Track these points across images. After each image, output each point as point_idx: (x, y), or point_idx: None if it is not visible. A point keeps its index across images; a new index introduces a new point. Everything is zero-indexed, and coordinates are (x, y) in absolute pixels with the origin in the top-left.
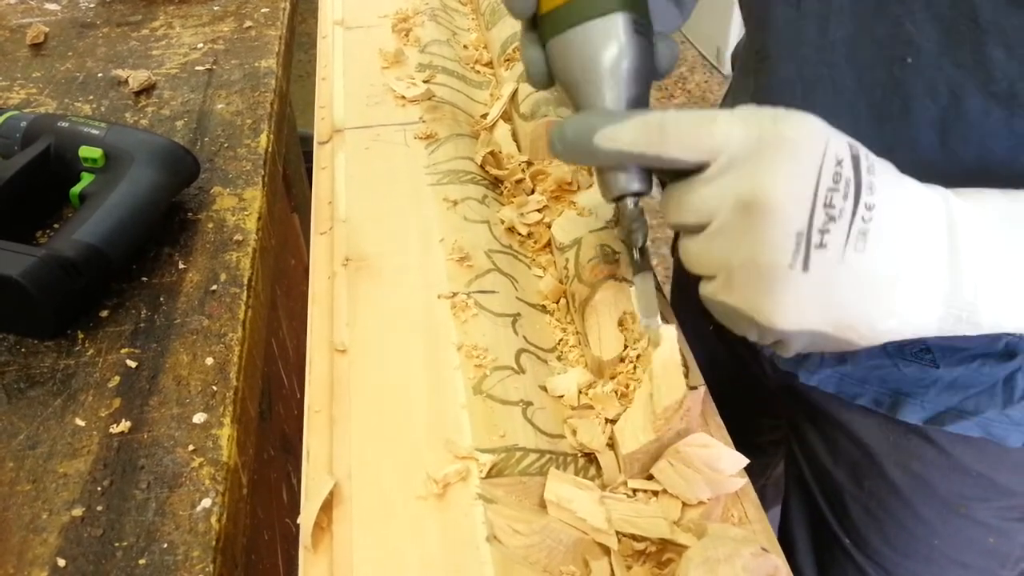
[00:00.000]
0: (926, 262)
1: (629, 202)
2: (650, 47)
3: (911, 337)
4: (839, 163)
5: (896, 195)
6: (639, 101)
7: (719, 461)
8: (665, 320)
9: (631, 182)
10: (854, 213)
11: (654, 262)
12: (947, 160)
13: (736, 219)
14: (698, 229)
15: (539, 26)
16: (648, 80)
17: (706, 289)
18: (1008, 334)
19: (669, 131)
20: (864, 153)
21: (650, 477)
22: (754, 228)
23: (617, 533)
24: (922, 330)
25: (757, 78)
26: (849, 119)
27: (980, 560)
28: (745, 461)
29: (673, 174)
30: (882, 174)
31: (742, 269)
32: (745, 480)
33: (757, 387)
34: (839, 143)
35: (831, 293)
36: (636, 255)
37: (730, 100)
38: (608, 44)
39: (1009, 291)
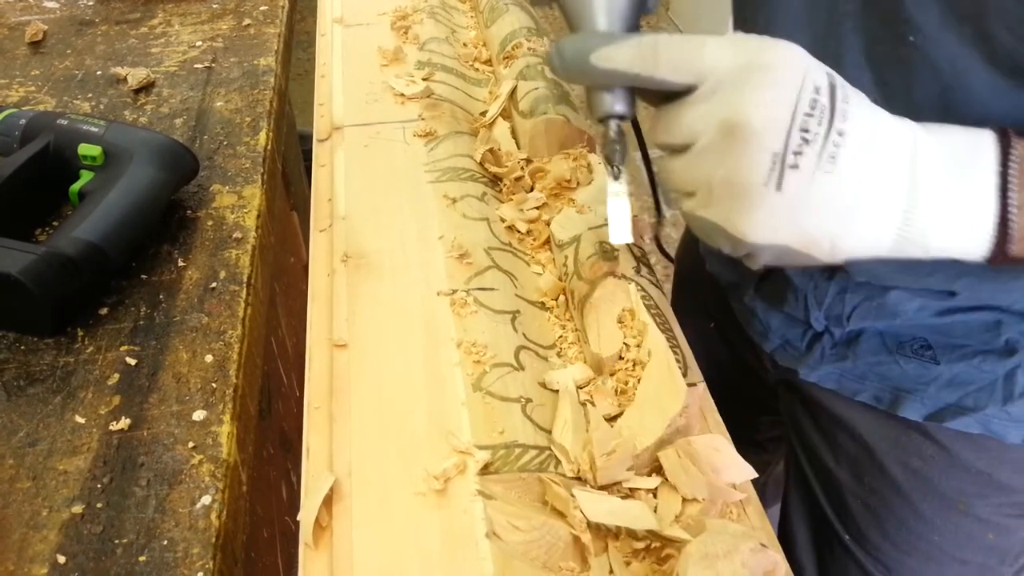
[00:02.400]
0: (887, 188)
1: (612, 123)
2: None
3: (865, 256)
4: (817, 90)
5: (867, 124)
6: (632, 30)
7: (725, 468)
8: (663, 311)
9: (616, 104)
10: (826, 137)
11: (652, 259)
12: None
13: (718, 139)
14: (683, 149)
15: None
16: (640, 13)
17: (686, 205)
18: (1009, 332)
19: (661, 53)
20: (841, 83)
21: (650, 473)
22: (734, 148)
23: (601, 525)
24: (876, 250)
25: None
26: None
27: (980, 556)
28: (753, 474)
29: (661, 97)
30: (856, 104)
31: (721, 186)
32: (747, 494)
33: (757, 384)
34: (818, 72)
35: (800, 211)
36: (613, 173)
37: None
38: None
39: (957, 221)
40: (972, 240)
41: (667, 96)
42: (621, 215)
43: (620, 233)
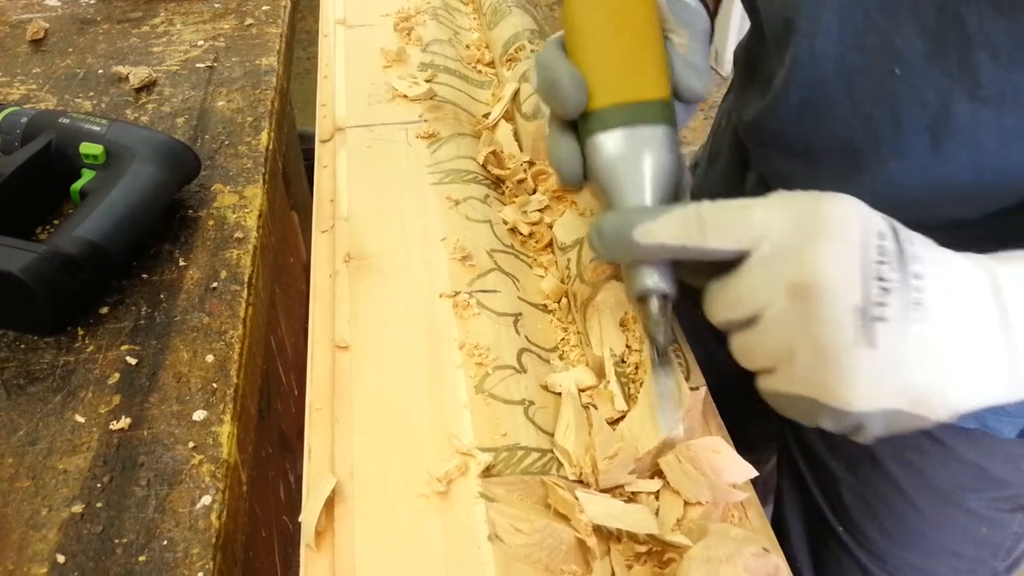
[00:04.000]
0: (981, 326)
1: (654, 302)
2: (680, 164)
3: (983, 406)
4: (881, 236)
5: (939, 262)
6: (669, 203)
7: (726, 469)
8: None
9: (657, 281)
10: (904, 283)
11: None
12: (939, 161)
13: (790, 304)
14: (748, 323)
15: (583, 123)
16: (676, 184)
17: (767, 384)
18: None
19: (707, 221)
20: (899, 226)
21: (653, 476)
22: (810, 310)
23: (603, 528)
24: (992, 397)
25: (771, 93)
26: (847, 132)
27: (973, 550)
28: (753, 473)
29: (709, 275)
30: (921, 244)
31: (805, 355)
32: (748, 494)
33: (750, 381)
34: (876, 218)
35: (899, 366)
36: (658, 354)
37: (731, 97)
38: (658, 148)
39: None
40: None
41: (714, 269)
42: (669, 398)
43: (670, 422)
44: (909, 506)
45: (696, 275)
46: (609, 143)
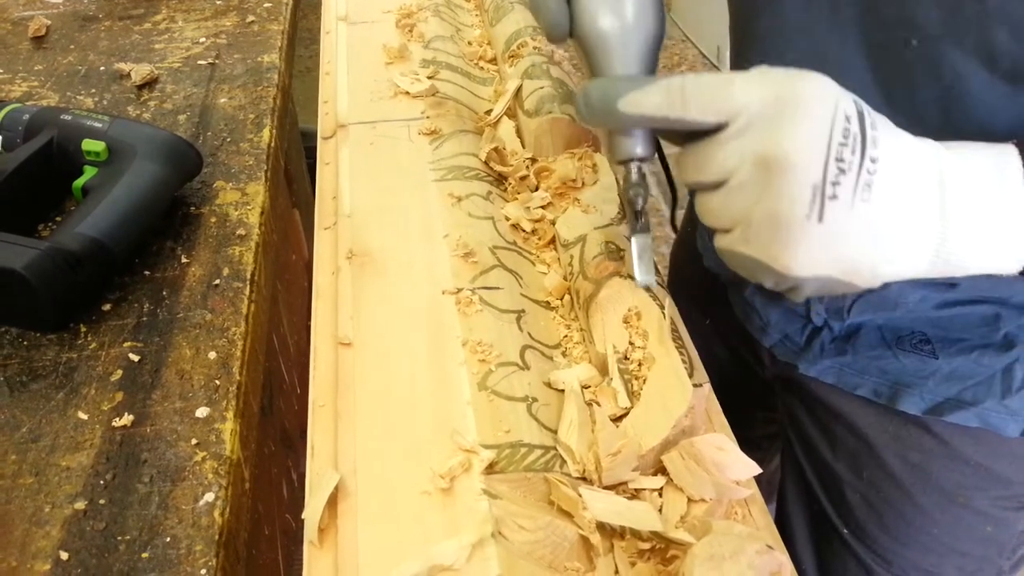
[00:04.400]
0: (921, 211)
1: (634, 166)
2: (665, 20)
3: (904, 277)
4: (848, 119)
5: (895, 149)
6: (653, 69)
7: (730, 466)
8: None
9: (637, 147)
10: (860, 166)
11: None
12: (950, 136)
13: (755, 175)
14: (716, 186)
15: None
16: (658, 52)
17: (723, 241)
18: (1007, 326)
19: (690, 94)
20: (867, 109)
21: (656, 473)
22: (772, 183)
23: (606, 524)
24: (915, 273)
25: (765, 60)
26: (859, 95)
27: (978, 549)
28: (757, 470)
29: (686, 136)
30: (883, 129)
31: (761, 221)
32: (752, 491)
33: (753, 381)
34: (847, 101)
35: (841, 241)
36: (636, 217)
37: None
38: (643, 16)
39: (990, 237)
40: (1007, 256)
41: (692, 134)
42: (646, 255)
43: (646, 273)
44: (913, 506)
45: (676, 138)
46: (597, 6)
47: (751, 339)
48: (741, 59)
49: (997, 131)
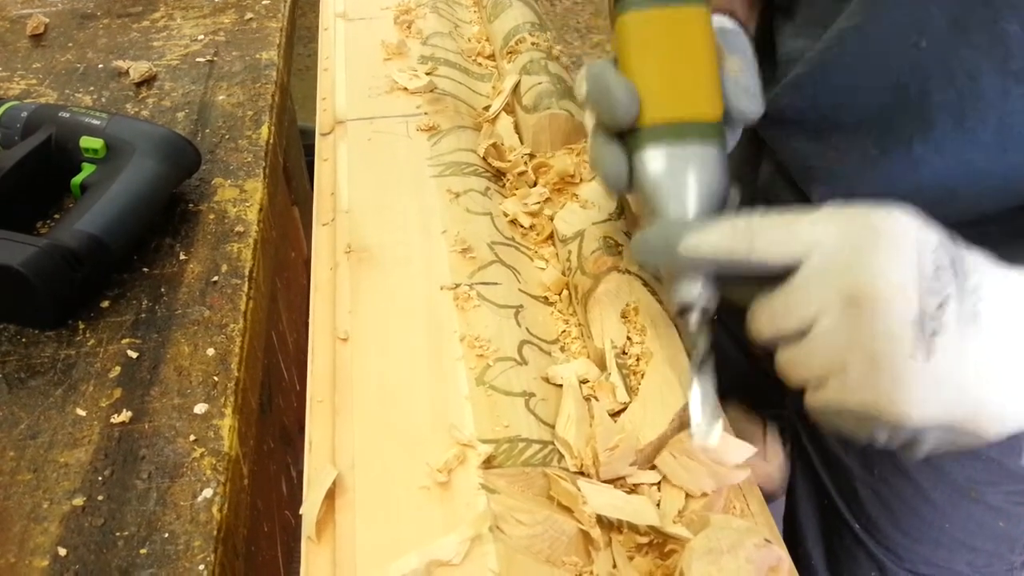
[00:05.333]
0: None
1: (694, 314)
2: (729, 186)
3: None
4: (936, 248)
5: (997, 275)
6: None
7: (724, 452)
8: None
9: (700, 293)
10: (960, 295)
11: None
12: (965, 140)
13: (844, 315)
14: (798, 336)
15: (632, 136)
16: (722, 202)
17: (817, 398)
18: None
19: (756, 233)
20: (951, 236)
21: (654, 467)
22: (866, 321)
23: (604, 519)
24: None
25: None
26: (874, 107)
27: (990, 544)
28: (752, 450)
29: (752, 289)
30: (975, 257)
31: (859, 365)
32: (749, 472)
33: (761, 376)
34: (928, 230)
35: (956, 380)
36: (698, 368)
37: None
38: (708, 167)
39: None
40: None
41: (757, 287)
42: (710, 401)
43: (710, 434)
44: (925, 501)
45: (741, 291)
46: (659, 157)
47: None
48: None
49: (1013, 132)
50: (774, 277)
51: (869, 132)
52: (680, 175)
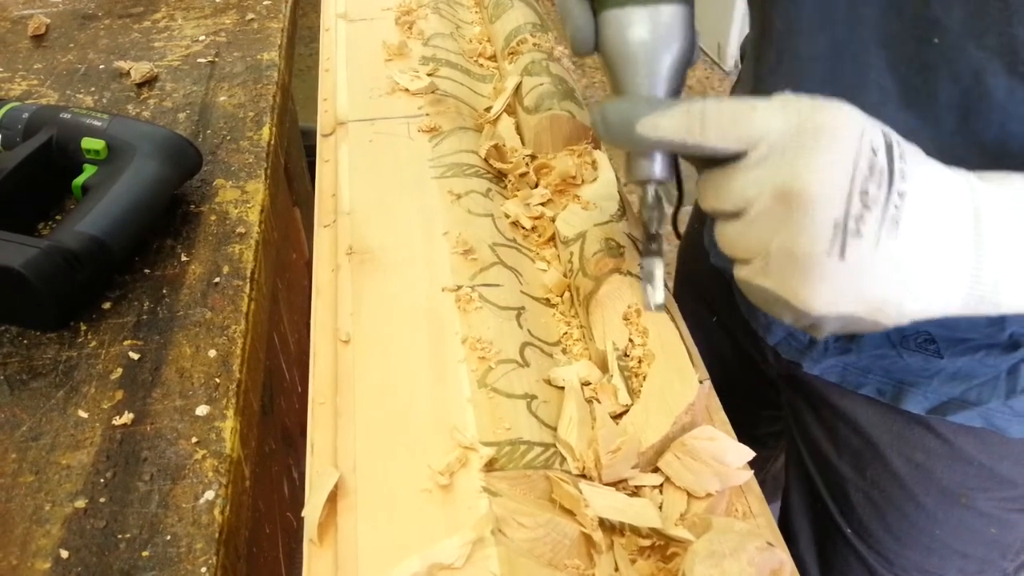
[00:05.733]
0: (953, 246)
1: (651, 188)
2: (695, 43)
3: (936, 316)
4: (874, 152)
5: (925, 181)
6: (677, 92)
7: (725, 454)
8: (668, 309)
9: (655, 169)
10: (887, 200)
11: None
12: (966, 140)
13: (774, 207)
14: (735, 215)
15: None
16: (685, 73)
17: (741, 272)
18: (1013, 326)
19: (710, 120)
20: (896, 140)
21: (656, 470)
22: (792, 216)
23: (606, 521)
24: (946, 310)
25: (779, 56)
26: (877, 95)
27: (981, 550)
28: (751, 454)
29: (708, 161)
30: (912, 161)
31: (779, 255)
32: (751, 473)
33: (758, 378)
34: (874, 131)
35: (865, 278)
36: (649, 240)
37: (739, 91)
38: (671, 34)
39: None
40: None
41: (714, 160)
42: (657, 278)
43: (656, 296)
44: (916, 506)
45: (696, 162)
46: (623, 21)
47: (756, 337)
48: (759, 57)
49: (1014, 136)
50: (726, 159)
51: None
52: (644, 42)
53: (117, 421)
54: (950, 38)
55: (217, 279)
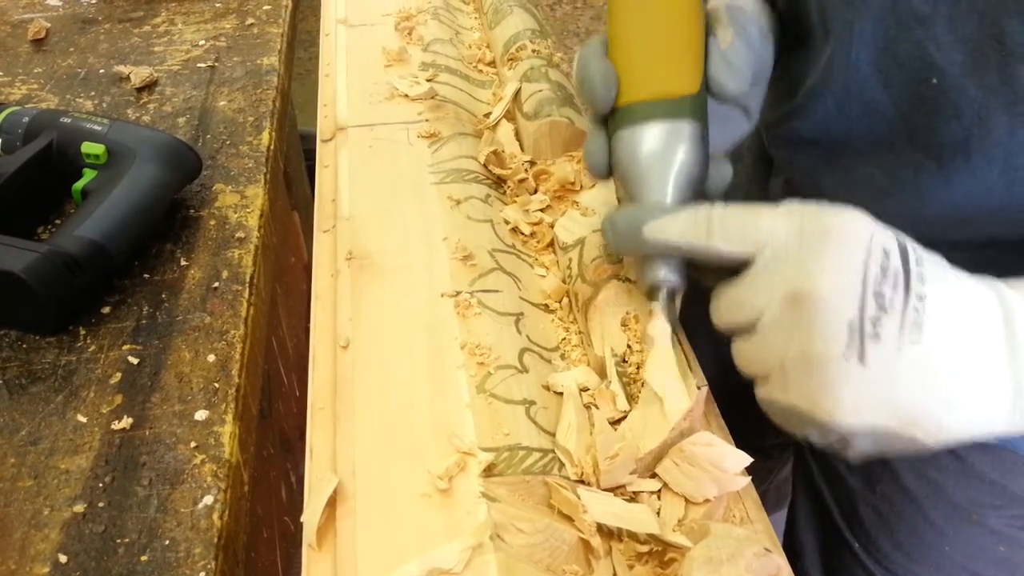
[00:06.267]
0: (985, 354)
1: (663, 293)
2: (707, 160)
3: (981, 435)
4: (886, 254)
5: (947, 286)
6: (688, 202)
7: (723, 460)
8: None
9: (666, 274)
10: (906, 303)
11: None
12: (972, 178)
13: (786, 312)
14: (749, 328)
15: (611, 119)
16: (699, 190)
17: (762, 392)
18: None
19: (716, 223)
20: (911, 245)
21: (654, 475)
22: (804, 319)
23: (604, 527)
24: (991, 424)
25: (786, 93)
26: (885, 135)
27: (990, 569)
28: (748, 460)
29: (718, 277)
30: (931, 266)
31: (796, 364)
32: (749, 479)
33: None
34: (884, 234)
35: (890, 386)
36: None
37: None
38: (682, 148)
39: None
40: None
41: (725, 272)
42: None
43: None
44: (926, 522)
45: (708, 276)
46: (630, 138)
47: None
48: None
49: (1019, 173)
50: (737, 266)
51: (878, 162)
52: (650, 154)
53: (116, 426)
54: (949, 78)
55: (216, 284)
